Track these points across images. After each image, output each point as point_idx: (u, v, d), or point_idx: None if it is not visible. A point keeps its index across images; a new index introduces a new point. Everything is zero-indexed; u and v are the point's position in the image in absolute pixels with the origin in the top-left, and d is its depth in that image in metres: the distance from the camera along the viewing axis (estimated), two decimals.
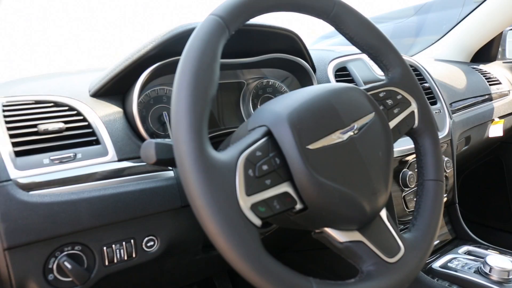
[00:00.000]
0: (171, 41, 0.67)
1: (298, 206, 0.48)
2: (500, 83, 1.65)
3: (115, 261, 0.63)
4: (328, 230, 0.52)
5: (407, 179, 0.96)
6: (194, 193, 0.41)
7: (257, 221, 0.44)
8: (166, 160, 0.49)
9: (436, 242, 1.09)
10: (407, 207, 1.00)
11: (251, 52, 0.84)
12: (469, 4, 1.78)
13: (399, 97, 0.64)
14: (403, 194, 0.98)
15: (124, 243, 0.63)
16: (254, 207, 0.44)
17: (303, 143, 0.48)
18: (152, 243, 0.66)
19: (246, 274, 0.42)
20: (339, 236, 0.52)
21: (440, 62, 1.62)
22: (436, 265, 0.95)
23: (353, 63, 1.02)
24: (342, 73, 0.98)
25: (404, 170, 0.97)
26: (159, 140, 0.50)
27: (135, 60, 0.69)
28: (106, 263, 0.62)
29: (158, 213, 0.65)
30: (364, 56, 1.06)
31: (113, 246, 0.62)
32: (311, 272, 1.21)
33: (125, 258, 0.63)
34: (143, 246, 0.65)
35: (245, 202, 0.43)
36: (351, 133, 0.52)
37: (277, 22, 0.81)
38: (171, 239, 0.68)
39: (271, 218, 0.47)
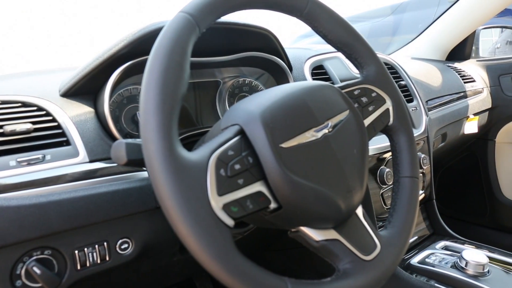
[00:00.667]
0: (142, 39, 0.66)
1: (272, 205, 0.48)
2: (474, 81, 1.68)
3: (88, 265, 0.61)
4: (304, 229, 0.52)
5: (385, 176, 0.96)
6: (164, 194, 0.40)
7: (230, 222, 0.43)
8: (137, 160, 0.48)
9: (414, 238, 1.10)
10: (385, 204, 1.00)
11: (227, 50, 0.83)
12: (444, 3, 1.82)
13: (373, 94, 0.64)
14: (381, 191, 0.99)
15: (97, 246, 0.62)
16: (226, 207, 0.43)
17: (276, 141, 0.47)
18: (126, 245, 0.65)
19: (219, 275, 0.41)
20: (315, 235, 0.52)
21: (416, 61, 1.65)
22: (414, 261, 0.96)
23: (330, 61, 1.02)
24: (319, 71, 0.98)
25: (381, 167, 0.98)
26: (130, 140, 0.48)
27: (106, 58, 0.67)
28: (78, 267, 0.60)
29: (132, 215, 0.64)
30: (341, 55, 1.06)
31: (85, 249, 0.61)
32: (292, 271, 1.21)
33: (98, 261, 0.62)
34: (117, 249, 0.64)
35: (216, 202, 0.42)
36: (325, 131, 0.52)
37: (257, 21, 0.80)
38: (146, 241, 0.67)
39: (245, 218, 0.46)
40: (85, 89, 0.70)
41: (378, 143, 0.97)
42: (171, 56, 0.45)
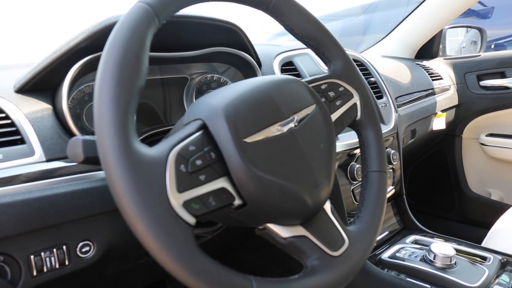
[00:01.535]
0: (103, 32, 0.63)
1: (237, 202, 0.46)
2: (441, 78, 1.72)
3: (45, 270, 0.58)
4: (271, 226, 0.51)
5: (355, 172, 0.97)
6: (119, 191, 0.38)
7: (191, 219, 0.41)
8: (95, 158, 0.45)
9: (385, 233, 1.11)
10: (356, 201, 1.00)
11: (194, 45, 0.81)
12: (413, 3, 1.85)
13: (341, 89, 0.64)
14: (352, 187, 0.99)
15: (55, 250, 0.58)
16: (187, 204, 0.41)
17: (239, 136, 0.45)
18: (87, 248, 0.62)
19: (180, 276, 0.39)
20: (282, 231, 0.51)
21: (386, 59, 1.67)
22: (385, 255, 0.96)
23: (300, 58, 1.01)
24: (289, 68, 0.97)
25: (352, 163, 0.98)
26: (87, 137, 0.46)
27: (64, 52, 0.64)
28: (34, 273, 0.57)
29: (93, 216, 0.61)
30: (311, 51, 1.06)
31: (42, 254, 0.57)
32: (265, 270, 1.20)
33: (57, 266, 0.59)
34: (77, 252, 0.61)
35: (176, 200, 0.40)
36: (291, 125, 0.51)
37: (226, 17, 0.79)
38: (109, 243, 0.64)
39: (209, 216, 0.44)
40: (42, 84, 0.66)
41: (348, 139, 0.97)
42: (128, 47, 0.43)
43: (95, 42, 0.64)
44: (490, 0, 3.74)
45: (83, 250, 0.61)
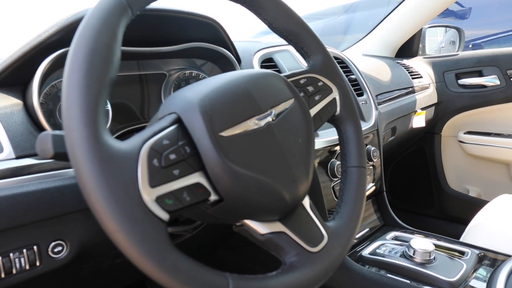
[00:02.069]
0: (76, 25, 0.60)
1: (213, 197, 0.45)
2: (421, 77, 1.74)
3: (14, 272, 0.55)
4: (248, 222, 0.50)
5: (335, 169, 0.96)
6: (88, 186, 0.36)
7: (164, 215, 0.40)
8: (65, 153, 0.43)
9: (366, 230, 1.11)
10: (336, 197, 1.00)
11: (172, 41, 0.79)
12: (393, 3, 1.87)
13: (320, 84, 0.63)
14: (332, 184, 0.99)
15: (25, 250, 0.56)
16: (159, 200, 0.40)
17: (215, 130, 0.44)
18: (60, 248, 0.60)
19: (152, 274, 0.38)
20: (260, 227, 0.50)
21: (367, 57, 1.68)
22: (366, 252, 0.96)
23: (280, 54, 1.01)
24: (269, 64, 0.97)
25: (332, 160, 0.98)
26: (57, 132, 0.44)
27: (35, 45, 0.62)
28: (2, 275, 0.54)
29: (66, 215, 0.59)
30: (291, 48, 1.06)
31: (11, 255, 0.55)
32: (246, 269, 1.19)
33: (27, 267, 0.56)
34: (49, 252, 0.58)
35: (149, 195, 0.39)
36: (268, 119, 0.50)
37: (208, 13, 0.78)
38: (83, 243, 0.62)
39: (183, 211, 0.43)
40: (11, 79, 0.64)
41: (329, 136, 0.97)
42: (99, 37, 0.41)
43: (67, 35, 0.62)
44: (467, 1, 3.82)
45: (55, 250, 0.59)
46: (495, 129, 1.77)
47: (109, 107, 0.75)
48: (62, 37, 0.62)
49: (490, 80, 1.70)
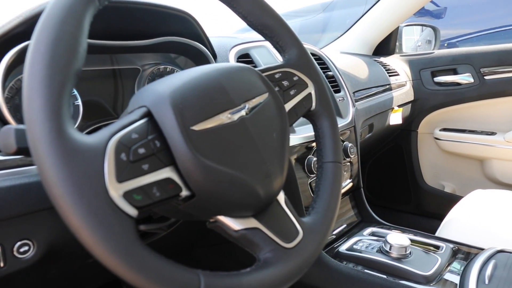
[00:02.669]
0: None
1: (184, 193, 0.44)
2: (398, 75, 1.76)
3: None
4: (222, 218, 0.49)
5: (312, 165, 0.96)
6: (50, 181, 0.34)
7: (132, 211, 0.38)
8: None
9: (343, 226, 1.12)
10: (313, 194, 1.00)
11: (146, 35, 0.77)
12: (371, 2, 1.89)
13: (295, 78, 0.63)
14: (309, 180, 0.98)
15: None
16: (127, 195, 0.38)
17: (186, 124, 0.43)
18: (26, 248, 0.57)
19: (120, 271, 0.36)
20: (234, 224, 0.49)
21: (344, 54, 1.69)
22: (343, 248, 0.97)
23: (256, 50, 1.00)
24: (245, 60, 0.96)
25: (309, 156, 0.98)
26: (21, 126, 0.42)
27: None
28: None
29: (32, 213, 0.56)
30: (268, 43, 1.05)
31: None
32: (224, 267, 1.18)
33: None
34: (15, 252, 0.56)
35: (116, 190, 0.37)
36: (242, 113, 0.49)
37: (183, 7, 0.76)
38: (51, 242, 0.59)
39: (153, 207, 0.42)
40: None
41: (306, 132, 0.97)
42: (63, 26, 0.39)
43: (33, 26, 0.59)
44: (442, 1, 3.90)
45: (21, 250, 0.57)
46: (469, 126, 1.81)
47: (79, 102, 0.73)
48: (27, 28, 0.59)
49: (464, 78, 1.73)
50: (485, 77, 1.70)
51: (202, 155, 0.43)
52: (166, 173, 0.42)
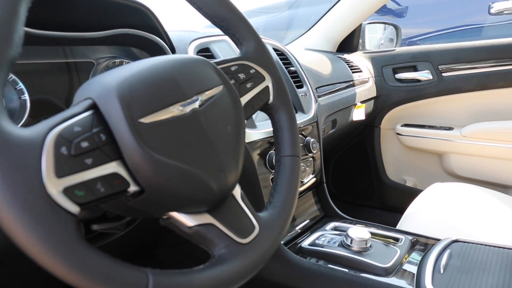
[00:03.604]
0: None
1: (132, 188, 0.42)
2: (361, 71, 1.79)
3: None
4: (175, 214, 0.47)
5: (274, 160, 0.96)
6: None
7: (74, 208, 0.36)
8: None
9: (306, 222, 1.12)
10: None
11: (101, 27, 0.74)
12: (335, 0, 1.91)
13: (252, 71, 0.62)
14: (271, 176, 0.98)
15: None
16: (68, 191, 0.36)
17: (134, 116, 0.41)
18: None
19: (60, 272, 0.34)
20: (187, 220, 0.47)
21: (308, 51, 1.70)
22: (305, 243, 0.97)
23: (217, 44, 0.98)
24: (205, 54, 0.94)
25: (270, 151, 0.97)
26: None
27: None
28: None
29: None
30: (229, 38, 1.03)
31: None
32: (185, 266, 1.15)
33: None
34: None
35: (55, 186, 0.35)
36: (194, 105, 0.47)
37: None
38: None
39: (98, 203, 0.39)
40: None
41: (268, 127, 0.96)
42: None
43: None
44: (404, 0, 4.01)
45: None
46: (428, 122, 1.86)
47: (26, 97, 0.69)
48: None
49: (423, 75, 1.78)
50: (443, 74, 1.75)
51: (150, 148, 0.41)
52: (112, 168, 0.40)
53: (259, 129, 0.94)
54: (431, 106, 1.85)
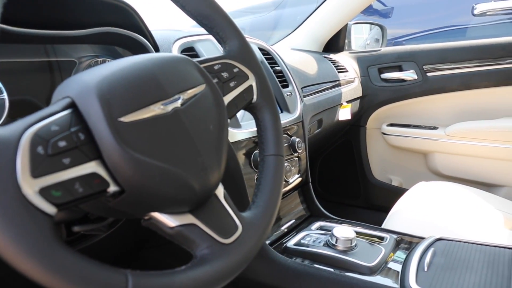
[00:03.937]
0: None
1: (112, 188, 0.41)
2: (347, 71, 1.80)
3: None
4: (156, 215, 0.46)
5: (258, 160, 0.95)
6: None
7: (50, 209, 0.35)
8: None
9: (292, 221, 1.12)
10: None
11: (83, 25, 0.73)
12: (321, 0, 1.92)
13: (235, 70, 0.61)
14: (256, 176, 0.97)
15: None
16: (44, 192, 0.35)
17: (113, 115, 0.40)
18: None
19: (35, 275, 0.33)
20: (169, 220, 0.46)
21: (294, 51, 1.70)
22: (291, 243, 0.97)
23: (202, 44, 0.98)
24: (189, 54, 0.93)
25: (255, 151, 0.97)
26: None
27: None
28: None
29: None
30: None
31: None
32: (170, 267, 1.14)
33: None
34: None
35: (30, 186, 0.34)
36: (176, 104, 0.47)
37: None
38: None
39: (76, 203, 0.39)
40: None
41: (253, 127, 0.95)
42: None
43: None
44: (390, 1, 4.05)
45: None
46: (413, 121, 1.88)
47: (5, 96, 0.67)
48: None
49: (409, 75, 1.80)
50: (428, 74, 1.77)
51: (130, 147, 0.41)
52: (91, 167, 0.39)
53: (244, 128, 0.94)
54: (416, 106, 1.87)
